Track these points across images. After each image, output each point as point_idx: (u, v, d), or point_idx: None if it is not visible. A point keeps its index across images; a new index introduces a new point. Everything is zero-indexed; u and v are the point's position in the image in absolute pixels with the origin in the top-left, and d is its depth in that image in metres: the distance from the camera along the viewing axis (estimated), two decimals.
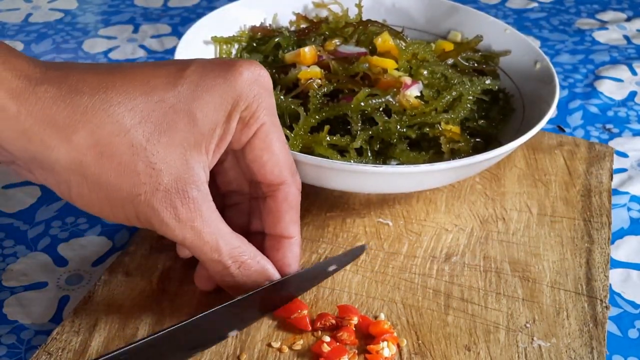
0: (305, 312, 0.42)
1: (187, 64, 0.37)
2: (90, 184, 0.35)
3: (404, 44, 0.56)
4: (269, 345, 0.41)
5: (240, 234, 0.44)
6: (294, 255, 0.42)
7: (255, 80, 0.38)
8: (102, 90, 0.34)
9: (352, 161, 0.49)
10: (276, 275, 0.41)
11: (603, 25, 0.86)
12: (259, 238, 0.43)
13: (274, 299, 0.42)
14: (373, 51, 0.56)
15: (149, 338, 0.36)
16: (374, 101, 0.50)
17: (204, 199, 0.37)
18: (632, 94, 0.72)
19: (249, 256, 0.40)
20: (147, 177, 0.35)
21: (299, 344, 0.41)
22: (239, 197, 0.44)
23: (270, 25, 0.64)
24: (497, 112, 0.57)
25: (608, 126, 0.67)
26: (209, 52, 0.59)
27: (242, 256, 0.39)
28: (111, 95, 0.34)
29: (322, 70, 0.53)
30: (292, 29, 0.63)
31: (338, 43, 0.57)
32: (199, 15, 0.78)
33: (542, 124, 0.49)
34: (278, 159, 0.40)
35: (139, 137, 0.34)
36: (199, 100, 0.36)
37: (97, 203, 0.36)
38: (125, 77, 0.35)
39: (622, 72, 0.75)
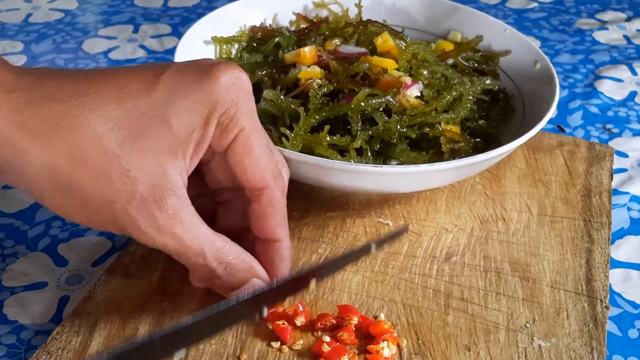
0: (300, 321, 0.42)
1: (163, 68, 0.37)
2: (63, 189, 0.34)
3: (404, 44, 0.57)
4: (269, 345, 0.41)
5: (235, 231, 0.44)
6: (283, 259, 0.42)
7: (233, 84, 0.37)
8: (74, 96, 0.34)
9: (352, 161, 0.49)
10: (263, 273, 0.41)
11: (603, 25, 0.86)
12: (252, 236, 0.43)
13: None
14: (373, 51, 0.56)
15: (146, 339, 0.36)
16: (374, 101, 0.50)
17: (183, 204, 0.36)
18: (632, 94, 0.72)
19: (234, 256, 0.39)
20: (122, 184, 0.34)
21: (299, 344, 0.41)
22: (231, 194, 0.44)
23: (270, 25, 0.64)
24: (497, 112, 0.57)
25: (608, 126, 0.67)
26: (209, 52, 0.59)
27: (227, 257, 0.39)
28: (84, 102, 0.34)
29: (322, 70, 0.53)
30: (292, 29, 0.63)
31: (338, 43, 0.57)
32: (199, 15, 0.77)
33: (542, 124, 0.49)
34: (259, 164, 0.40)
35: (111, 144, 0.34)
36: (173, 106, 0.36)
37: (70, 209, 0.35)
38: (100, 83, 0.35)
39: (622, 72, 0.75)
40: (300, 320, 0.42)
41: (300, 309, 0.43)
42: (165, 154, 0.35)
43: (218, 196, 0.44)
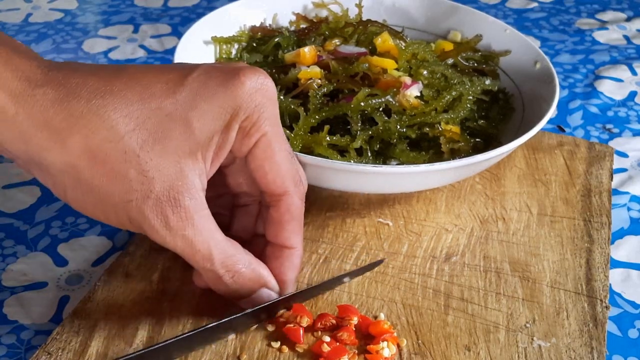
0: (305, 321, 0.42)
1: (191, 69, 0.37)
2: (84, 188, 0.35)
3: (403, 44, 0.57)
4: (269, 345, 0.41)
5: (246, 235, 0.44)
6: (294, 266, 0.42)
7: (258, 89, 0.37)
8: (99, 95, 0.34)
9: (352, 161, 0.49)
10: (273, 283, 0.41)
11: (603, 25, 0.86)
12: (263, 241, 0.43)
13: (275, 308, 0.42)
14: (373, 51, 0.56)
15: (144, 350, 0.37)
16: (374, 101, 0.50)
17: (198, 207, 0.36)
18: (632, 94, 0.72)
19: (244, 265, 0.39)
20: (139, 184, 0.34)
21: (299, 346, 0.41)
22: (249, 199, 0.44)
23: (270, 25, 0.64)
24: (497, 112, 0.57)
25: (608, 126, 0.67)
26: (209, 52, 0.59)
27: (236, 265, 0.39)
28: (108, 101, 0.34)
29: (322, 70, 0.53)
30: (292, 29, 0.63)
31: (338, 43, 0.57)
32: (199, 15, 0.78)
33: (542, 124, 0.49)
34: (279, 169, 0.40)
35: (132, 144, 0.34)
36: (196, 109, 0.36)
37: (90, 206, 0.36)
38: (127, 82, 0.35)
39: (622, 72, 0.75)
40: (305, 321, 0.42)
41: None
42: (185, 156, 0.36)
43: (237, 199, 0.44)
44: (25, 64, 0.33)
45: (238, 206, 0.45)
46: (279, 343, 0.41)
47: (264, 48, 0.59)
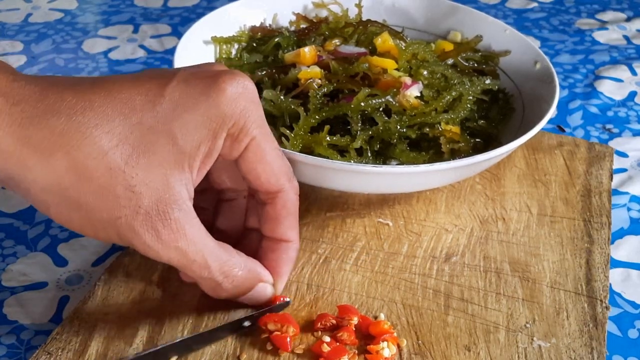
0: (292, 331, 0.41)
1: (168, 79, 0.36)
2: (70, 205, 0.34)
3: (403, 44, 0.57)
4: (269, 345, 0.41)
5: (232, 229, 0.44)
6: (290, 259, 0.42)
7: (240, 94, 0.37)
8: (79, 111, 0.33)
9: (352, 161, 0.49)
10: (268, 277, 0.41)
11: (603, 25, 0.86)
12: (255, 235, 0.43)
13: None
14: (373, 51, 0.56)
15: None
16: (374, 101, 0.50)
17: (187, 217, 0.36)
18: (632, 94, 0.72)
19: (239, 268, 0.39)
20: (127, 200, 0.34)
21: (300, 347, 0.41)
22: (234, 194, 0.44)
23: (270, 25, 0.64)
24: (497, 112, 0.57)
25: (608, 126, 0.67)
26: (209, 52, 0.59)
27: (233, 270, 0.39)
28: (89, 117, 0.33)
29: (322, 70, 0.53)
30: (292, 29, 0.63)
31: (338, 43, 0.57)
32: (199, 15, 0.78)
33: (542, 124, 0.49)
34: (272, 169, 0.40)
35: (117, 160, 0.34)
36: (179, 120, 0.35)
37: (77, 222, 0.35)
38: (105, 96, 0.34)
39: (622, 72, 0.75)
40: (292, 331, 0.41)
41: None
42: (171, 167, 0.35)
43: (222, 194, 0.44)
44: (1, 78, 0.33)
45: (223, 201, 0.44)
46: None
47: (264, 48, 0.59)
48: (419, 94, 0.52)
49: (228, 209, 0.44)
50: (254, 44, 0.60)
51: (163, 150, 0.35)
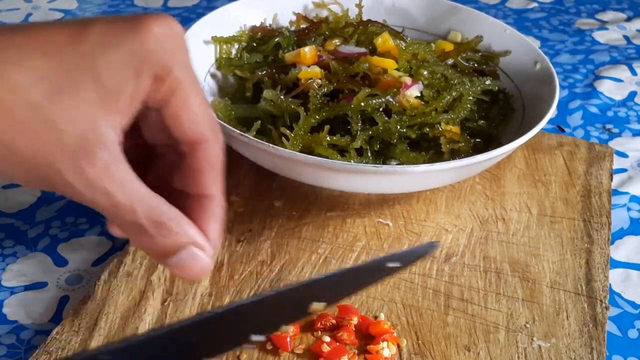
0: (292, 331, 0.41)
1: (92, 21, 0.35)
2: None
3: (404, 44, 0.57)
4: (269, 345, 0.41)
5: (162, 188, 0.43)
6: (215, 216, 0.40)
7: (167, 35, 0.36)
8: (0, 50, 0.33)
9: (352, 161, 0.49)
10: (199, 240, 0.40)
11: (603, 25, 0.86)
12: (183, 197, 0.42)
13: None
14: (373, 51, 0.56)
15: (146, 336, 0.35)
16: (374, 101, 0.50)
17: (114, 159, 0.35)
18: (632, 94, 0.72)
19: (167, 217, 0.37)
20: (48, 135, 0.33)
21: (300, 347, 0.41)
22: (166, 149, 0.43)
23: (270, 25, 0.64)
24: (497, 112, 0.57)
25: (608, 126, 0.67)
26: (209, 52, 0.59)
27: (162, 217, 0.37)
28: (9, 54, 0.33)
29: (322, 70, 0.53)
30: (292, 29, 0.63)
31: (338, 43, 0.57)
32: (199, 15, 0.77)
33: (542, 124, 0.49)
34: (196, 116, 0.38)
35: (36, 96, 0.33)
36: (103, 57, 0.34)
37: (4, 165, 0.34)
38: (27, 36, 0.34)
39: (622, 72, 0.75)
40: (292, 331, 0.41)
41: None
42: (96, 107, 0.34)
43: (152, 149, 0.43)
44: None
45: (153, 156, 0.44)
46: None
47: (264, 48, 0.59)
48: (419, 94, 0.52)
49: (157, 163, 0.43)
50: (254, 44, 0.60)
51: (88, 89, 0.34)
